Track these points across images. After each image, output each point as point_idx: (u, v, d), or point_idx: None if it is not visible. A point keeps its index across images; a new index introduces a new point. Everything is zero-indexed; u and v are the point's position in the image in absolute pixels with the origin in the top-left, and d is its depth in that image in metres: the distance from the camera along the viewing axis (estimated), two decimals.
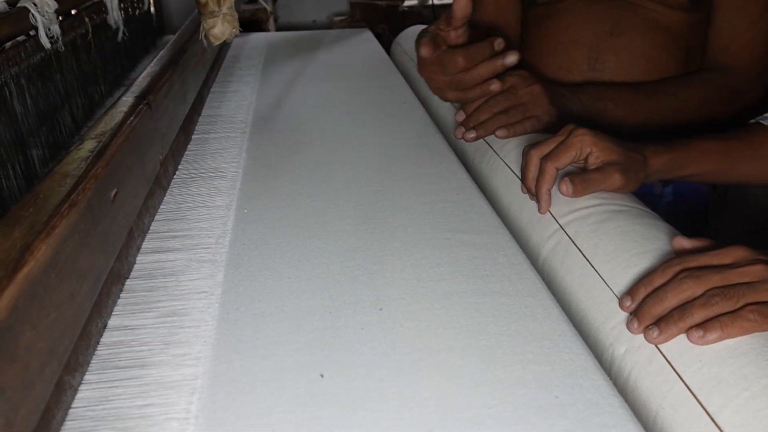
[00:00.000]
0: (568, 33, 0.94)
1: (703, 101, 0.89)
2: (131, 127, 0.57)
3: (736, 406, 0.41)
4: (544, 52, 0.97)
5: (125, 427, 0.39)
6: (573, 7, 0.93)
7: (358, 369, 0.44)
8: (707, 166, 0.72)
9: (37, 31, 0.80)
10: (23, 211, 0.40)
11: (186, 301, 0.52)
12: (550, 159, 0.64)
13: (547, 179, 0.65)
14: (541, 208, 0.66)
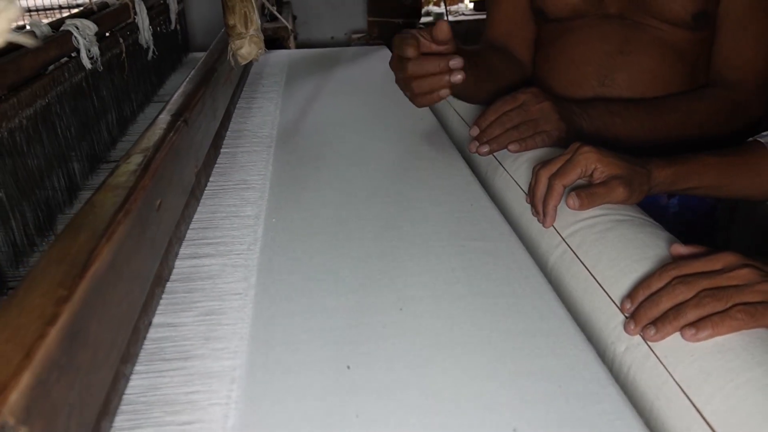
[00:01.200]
0: (580, 51, 0.99)
1: (707, 116, 0.93)
2: (172, 142, 0.63)
3: (723, 396, 0.45)
4: (556, 68, 1.02)
5: (174, 411, 0.44)
6: (584, 26, 0.98)
7: (381, 361, 0.48)
8: (707, 180, 0.76)
9: (78, 52, 0.86)
10: (84, 219, 0.46)
11: (222, 301, 0.57)
12: (558, 177, 0.69)
13: (554, 196, 0.69)
14: (545, 222, 0.70)
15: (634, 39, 0.95)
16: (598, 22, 0.97)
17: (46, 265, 0.38)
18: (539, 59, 1.06)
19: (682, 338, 0.50)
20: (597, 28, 0.97)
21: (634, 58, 0.95)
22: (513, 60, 1.08)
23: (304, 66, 1.49)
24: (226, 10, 0.83)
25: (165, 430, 0.42)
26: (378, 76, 1.39)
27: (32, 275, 0.37)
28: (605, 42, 0.96)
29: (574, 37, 0.99)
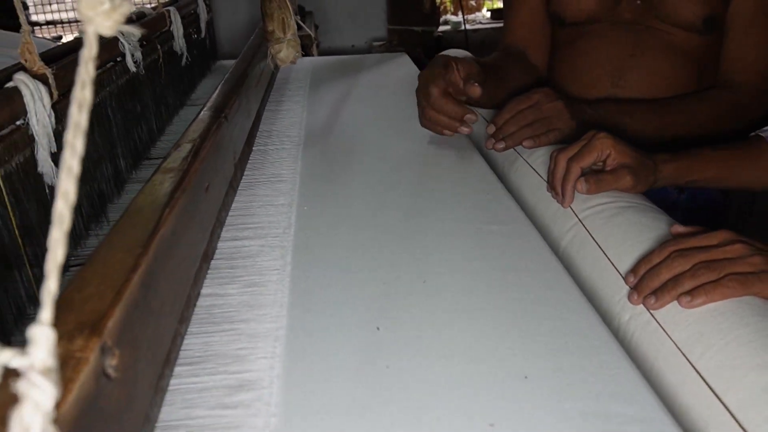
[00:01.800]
0: (594, 53, 1.05)
1: (712, 116, 0.98)
2: (215, 134, 0.69)
3: (714, 352, 0.50)
4: (571, 70, 1.08)
5: (225, 363, 0.50)
6: (598, 30, 1.04)
7: (407, 324, 0.54)
8: (711, 173, 0.81)
9: (124, 56, 0.93)
10: (149, 195, 0.52)
11: (262, 276, 0.63)
12: (575, 159, 0.75)
13: (572, 177, 0.75)
14: (564, 202, 0.76)
15: (645, 42, 1.01)
16: (611, 27, 1.03)
17: (123, 228, 0.45)
18: (555, 61, 1.12)
19: (679, 305, 0.55)
20: (610, 32, 1.03)
21: (645, 61, 1.01)
22: (528, 65, 1.14)
23: (328, 72, 1.56)
24: (265, 16, 0.90)
25: (218, 377, 0.49)
26: (398, 81, 1.46)
27: (112, 236, 0.44)
28: (618, 45, 1.02)
29: (588, 40, 1.05)
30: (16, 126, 0.61)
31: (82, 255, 0.72)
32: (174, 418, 0.44)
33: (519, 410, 0.44)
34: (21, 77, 0.61)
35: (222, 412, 0.45)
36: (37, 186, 0.64)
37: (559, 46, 1.11)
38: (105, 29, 0.31)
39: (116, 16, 0.30)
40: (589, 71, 1.05)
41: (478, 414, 0.44)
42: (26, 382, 0.24)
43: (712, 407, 0.48)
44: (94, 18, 0.30)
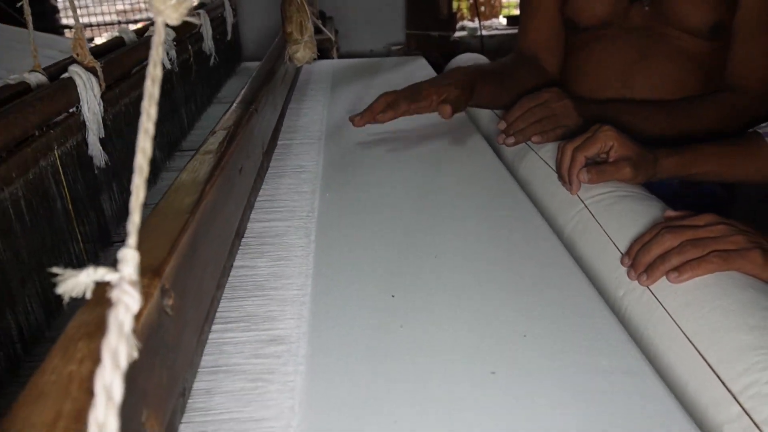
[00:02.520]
0: (604, 57, 1.10)
1: (717, 118, 1.03)
2: (246, 123, 0.76)
3: (698, 318, 0.56)
4: (583, 72, 1.13)
5: (256, 322, 0.56)
6: (609, 35, 1.09)
7: (419, 292, 0.60)
8: (710, 166, 0.86)
9: None
10: (190, 174, 0.58)
11: (289, 251, 0.69)
12: (581, 149, 0.80)
13: (577, 165, 0.80)
14: (572, 189, 0.81)
15: (655, 47, 1.06)
16: (622, 32, 1.08)
17: (171, 198, 0.51)
18: (567, 64, 1.18)
19: (668, 281, 0.60)
20: (622, 36, 1.08)
21: (655, 64, 1.06)
22: (539, 69, 1.19)
23: (347, 74, 1.63)
24: (284, 19, 0.96)
25: (252, 333, 0.55)
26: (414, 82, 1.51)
27: (162, 204, 0.50)
28: (629, 49, 1.07)
29: (600, 44, 1.10)
30: (70, 113, 0.68)
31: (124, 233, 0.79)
32: (214, 365, 0.51)
33: (518, 361, 0.50)
34: (75, 69, 0.68)
35: (256, 361, 0.51)
36: (87, 167, 0.70)
37: (571, 50, 1.17)
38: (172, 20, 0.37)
39: (182, 9, 0.37)
40: (600, 74, 1.11)
41: (481, 364, 0.50)
42: (119, 290, 0.30)
43: (695, 364, 0.53)
44: (164, 11, 0.36)
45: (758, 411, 0.46)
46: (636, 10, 1.05)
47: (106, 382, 0.27)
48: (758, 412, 0.46)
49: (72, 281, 0.33)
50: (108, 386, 0.26)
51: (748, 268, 0.59)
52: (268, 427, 0.44)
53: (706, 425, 0.49)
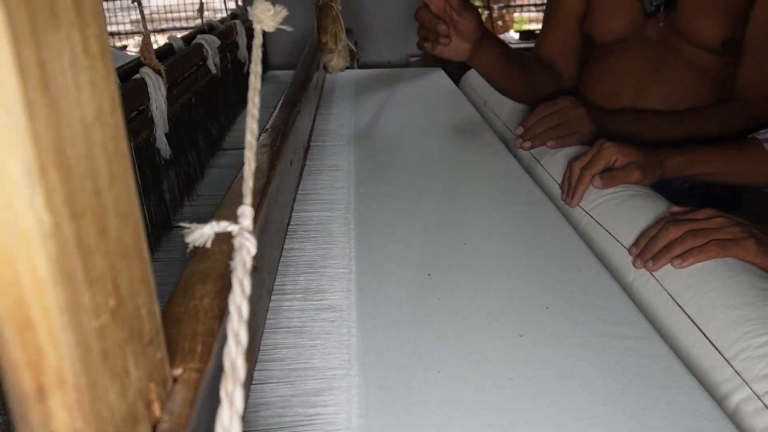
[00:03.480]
0: (620, 68, 1.18)
1: (725, 127, 1.10)
2: (293, 122, 0.84)
3: (698, 298, 0.63)
4: (599, 82, 1.21)
5: (311, 293, 0.64)
6: (626, 48, 1.17)
7: (452, 271, 0.68)
8: (711, 167, 0.94)
9: (205, 60, 1.08)
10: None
11: (332, 237, 0.77)
12: (588, 168, 0.88)
13: (584, 182, 0.88)
14: (572, 203, 0.89)
15: (668, 60, 1.14)
16: (638, 45, 1.16)
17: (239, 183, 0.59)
18: (584, 73, 1.25)
19: (672, 267, 0.68)
20: (637, 49, 1.16)
21: (668, 76, 1.13)
22: (554, 73, 1.27)
23: (370, 83, 1.71)
24: (320, 29, 1.05)
25: (307, 303, 0.63)
26: (435, 92, 1.60)
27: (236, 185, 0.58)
28: (644, 61, 1.15)
29: (616, 56, 1.18)
30: (140, 110, 0.77)
31: (181, 219, 0.87)
32: (276, 326, 0.59)
33: (543, 327, 0.58)
34: (146, 71, 0.76)
35: (313, 323, 0.59)
36: (151, 159, 0.79)
37: (588, 60, 1.25)
38: (269, 27, 0.46)
39: (277, 18, 0.45)
40: (616, 83, 1.18)
41: (511, 328, 0.58)
42: (241, 237, 0.38)
43: (695, 336, 0.61)
44: (263, 19, 0.45)
45: (748, 371, 0.54)
46: (651, 25, 1.13)
47: (237, 303, 0.35)
48: (748, 371, 0.54)
49: (198, 232, 0.41)
50: (239, 306, 0.35)
51: (744, 255, 0.67)
52: (331, 375, 0.52)
53: (706, 384, 0.57)
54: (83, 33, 0.22)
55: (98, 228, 0.23)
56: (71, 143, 0.21)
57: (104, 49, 0.23)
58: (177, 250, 0.80)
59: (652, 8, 1.12)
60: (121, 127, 0.25)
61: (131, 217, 0.26)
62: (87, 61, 0.22)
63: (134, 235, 0.26)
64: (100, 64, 0.23)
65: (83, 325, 0.22)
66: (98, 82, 0.23)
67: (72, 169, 0.21)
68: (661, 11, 1.12)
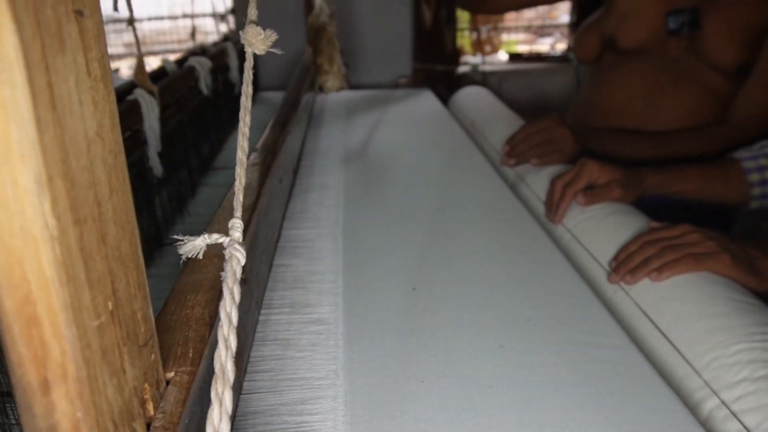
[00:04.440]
0: (636, 77, 1.21)
1: (710, 151, 1.13)
2: (283, 141, 0.86)
3: (673, 309, 0.66)
4: (612, 88, 1.24)
5: (300, 307, 0.66)
6: (645, 59, 1.20)
7: (437, 286, 0.70)
8: (690, 185, 0.97)
9: (197, 82, 1.11)
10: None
11: (321, 253, 0.79)
12: (570, 186, 0.91)
13: (567, 200, 0.91)
14: (555, 220, 0.92)
15: (684, 76, 1.17)
16: (656, 59, 1.19)
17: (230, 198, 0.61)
18: (600, 80, 1.28)
19: (650, 280, 0.70)
20: (655, 63, 1.19)
21: (680, 92, 1.17)
22: None
23: (360, 104, 1.74)
24: (315, 52, 1.07)
25: (296, 316, 0.64)
26: (423, 113, 1.63)
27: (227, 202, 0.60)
28: (659, 74, 1.18)
29: (633, 66, 1.22)
30: (134, 130, 0.79)
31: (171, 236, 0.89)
32: (264, 339, 0.60)
33: (522, 338, 0.60)
34: (140, 92, 0.78)
35: (301, 336, 0.61)
36: (146, 177, 0.81)
37: (605, 66, 1.28)
38: (260, 51, 0.48)
39: (268, 41, 0.47)
40: (629, 93, 1.22)
41: (492, 339, 0.59)
42: (231, 248, 0.40)
43: (668, 348, 0.63)
44: (254, 43, 0.47)
45: (720, 379, 0.56)
46: (673, 41, 1.17)
47: (227, 310, 0.37)
48: (720, 379, 0.56)
49: (191, 244, 0.43)
50: (229, 313, 0.36)
51: (719, 269, 0.69)
52: (318, 384, 0.54)
53: (680, 391, 0.59)
54: (87, 56, 0.24)
55: (98, 234, 0.25)
56: (75, 156, 0.23)
57: (105, 71, 0.25)
58: (169, 266, 0.82)
59: (676, 26, 1.15)
60: (120, 142, 0.28)
61: (128, 226, 0.28)
62: (90, 82, 0.24)
63: (131, 244, 0.28)
64: (102, 85, 0.25)
65: (84, 323, 0.24)
66: (99, 101, 0.25)
67: (76, 179, 0.23)
68: (684, 30, 1.15)
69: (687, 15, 1.14)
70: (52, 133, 0.21)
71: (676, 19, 1.15)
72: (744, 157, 1.00)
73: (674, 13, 1.15)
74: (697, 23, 1.13)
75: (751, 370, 0.54)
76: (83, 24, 0.24)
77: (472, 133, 1.44)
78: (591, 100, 1.30)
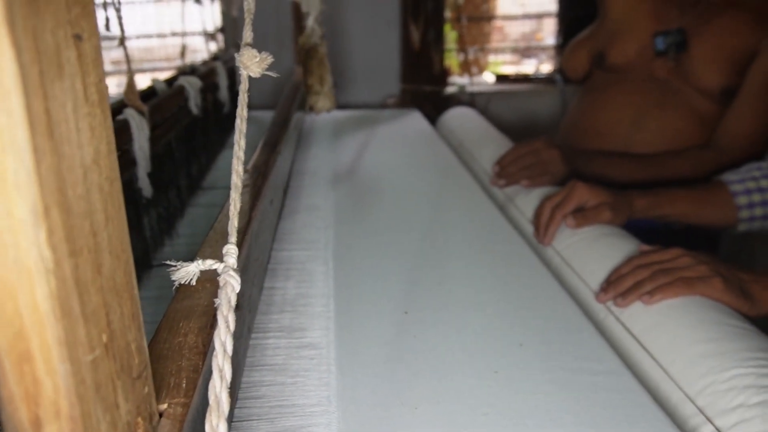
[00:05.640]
0: (623, 99, 1.22)
1: (693, 173, 1.14)
2: (273, 162, 0.85)
3: (666, 334, 0.65)
4: (599, 109, 1.25)
5: (291, 331, 0.65)
6: (632, 80, 1.21)
7: (429, 310, 0.69)
8: (677, 209, 0.97)
9: (187, 101, 1.10)
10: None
11: (312, 275, 0.78)
12: (559, 208, 0.91)
13: (555, 222, 0.91)
14: (544, 242, 0.92)
15: (669, 98, 1.18)
16: (643, 80, 1.20)
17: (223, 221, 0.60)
18: (587, 101, 1.29)
19: (642, 303, 0.70)
20: (642, 84, 1.20)
21: (665, 114, 1.18)
22: None
23: (349, 124, 1.74)
24: (306, 72, 1.07)
25: (286, 341, 0.63)
26: (412, 133, 1.63)
27: (219, 224, 0.60)
28: (645, 95, 1.19)
29: (621, 86, 1.23)
30: (123, 150, 0.78)
31: (161, 258, 0.88)
32: (256, 364, 0.59)
33: (516, 364, 0.59)
34: (130, 112, 0.77)
35: (293, 361, 0.60)
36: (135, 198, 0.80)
37: (591, 89, 1.28)
38: (255, 73, 0.48)
39: (263, 64, 0.47)
40: (615, 114, 1.22)
41: (486, 364, 0.59)
42: (226, 275, 0.39)
43: (661, 374, 0.62)
44: (250, 66, 0.47)
45: (715, 405, 0.56)
46: (661, 63, 1.18)
47: (222, 339, 0.36)
48: (714, 405, 0.56)
49: (184, 270, 0.43)
50: (224, 342, 0.36)
51: (710, 293, 0.69)
52: (311, 412, 0.53)
53: (676, 417, 0.58)
54: (85, 81, 0.23)
55: (94, 265, 0.24)
56: (72, 185, 0.22)
57: (103, 96, 0.25)
58: (157, 289, 0.81)
59: (664, 47, 1.16)
60: (116, 168, 0.27)
61: (123, 255, 0.27)
62: (87, 108, 0.23)
63: (125, 273, 0.27)
64: (99, 110, 0.24)
65: (79, 358, 0.23)
66: (97, 127, 0.24)
67: (72, 209, 0.22)
68: (672, 51, 1.16)
69: (674, 36, 1.15)
70: (49, 161, 0.21)
71: (663, 40, 1.16)
72: (731, 180, 1.01)
73: (662, 34, 1.16)
74: (684, 45, 1.15)
75: (747, 397, 0.54)
76: (82, 48, 0.23)
77: (461, 154, 1.44)
78: (577, 121, 1.30)
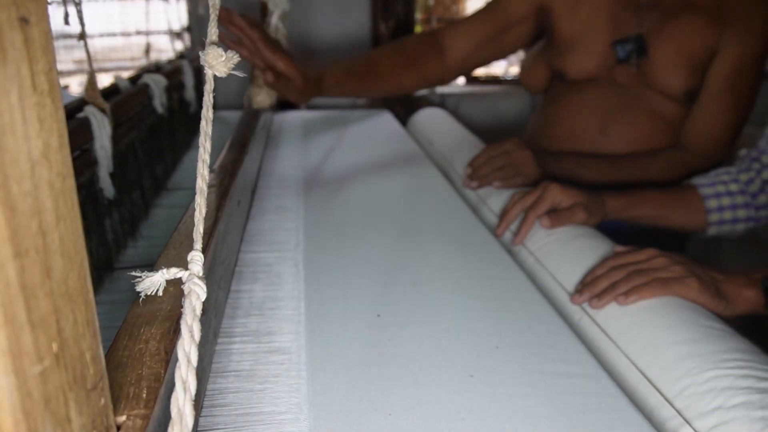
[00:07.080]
0: (588, 106, 1.21)
1: (664, 173, 1.14)
2: (241, 162, 0.83)
3: (643, 336, 0.65)
4: (565, 118, 1.24)
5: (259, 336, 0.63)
6: (594, 87, 1.21)
7: (402, 312, 0.68)
8: (649, 211, 0.97)
9: (151, 101, 1.07)
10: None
11: (280, 278, 0.76)
12: (533, 209, 0.90)
13: (529, 223, 0.90)
14: (516, 240, 0.91)
15: (633, 103, 1.18)
16: (606, 87, 1.20)
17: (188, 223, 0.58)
18: (552, 110, 1.28)
19: (617, 303, 0.69)
20: (605, 91, 1.20)
21: (631, 119, 1.18)
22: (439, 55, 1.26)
23: (318, 124, 1.72)
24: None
25: (254, 346, 0.61)
26: (382, 134, 1.62)
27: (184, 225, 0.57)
28: (609, 102, 1.19)
29: (584, 94, 1.22)
30: (83, 149, 0.75)
31: (124, 261, 0.85)
32: (222, 370, 0.57)
33: (493, 367, 0.58)
34: (91, 109, 0.75)
35: (261, 366, 0.58)
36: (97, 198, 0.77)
37: (555, 97, 1.28)
38: (220, 73, 0.46)
39: (229, 63, 0.45)
40: (581, 122, 1.22)
41: (461, 368, 0.57)
42: (191, 283, 0.37)
43: (638, 377, 0.62)
44: (215, 65, 0.45)
45: (693, 407, 0.55)
46: (622, 69, 1.17)
47: (186, 349, 0.34)
48: (693, 408, 0.55)
49: (149, 281, 0.40)
50: (188, 353, 0.34)
51: (686, 294, 0.68)
52: (280, 419, 0.51)
53: (654, 420, 0.57)
54: (32, 68, 0.21)
55: (43, 268, 0.22)
56: (17, 180, 0.20)
57: (53, 86, 0.23)
58: (120, 293, 0.78)
59: (625, 55, 1.16)
60: (69, 164, 0.25)
61: (77, 257, 0.25)
62: (35, 98, 0.21)
63: (79, 277, 0.25)
64: (49, 100, 0.22)
65: (25, 369, 0.21)
66: (46, 118, 0.22)
67: (17, 207, 0.20)
68: (633, 58, 1.16)
69: (634, 43, 1.15)
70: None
71: (623, 47, 1.16)
72: (701, 184, 1.01)
73: (621, 42, 1.16)
74: (645, 50, 1.15)
75: (725, 399, 0.53)
76: (29, 32, 0.21)
77: (432, 154, 1.43)
78: (543, 130, 1.30)
